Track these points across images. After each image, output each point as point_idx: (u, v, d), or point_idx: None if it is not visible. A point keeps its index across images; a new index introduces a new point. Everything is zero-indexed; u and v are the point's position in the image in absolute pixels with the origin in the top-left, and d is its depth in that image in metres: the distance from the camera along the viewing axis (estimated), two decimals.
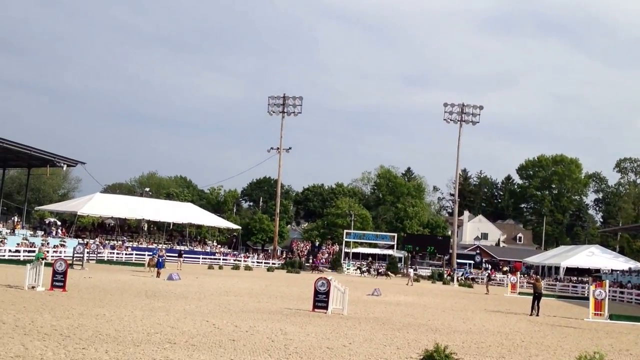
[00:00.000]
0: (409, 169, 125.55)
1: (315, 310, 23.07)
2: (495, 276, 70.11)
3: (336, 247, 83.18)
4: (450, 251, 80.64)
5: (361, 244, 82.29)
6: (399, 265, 75.98)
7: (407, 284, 52.68)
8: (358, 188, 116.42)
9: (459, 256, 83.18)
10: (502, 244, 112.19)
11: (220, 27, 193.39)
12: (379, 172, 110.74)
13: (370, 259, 78.92)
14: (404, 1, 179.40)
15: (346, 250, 78.82)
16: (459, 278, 65.97)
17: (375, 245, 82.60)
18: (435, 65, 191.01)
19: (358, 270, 70.74)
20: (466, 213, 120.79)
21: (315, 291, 23.49)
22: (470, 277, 70.21)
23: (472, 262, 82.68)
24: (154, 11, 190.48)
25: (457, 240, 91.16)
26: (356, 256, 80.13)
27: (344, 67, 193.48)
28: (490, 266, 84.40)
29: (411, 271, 59.34)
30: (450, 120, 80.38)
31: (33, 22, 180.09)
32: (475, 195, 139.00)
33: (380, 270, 67.47)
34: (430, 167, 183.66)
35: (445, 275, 68.42)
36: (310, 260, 74.26)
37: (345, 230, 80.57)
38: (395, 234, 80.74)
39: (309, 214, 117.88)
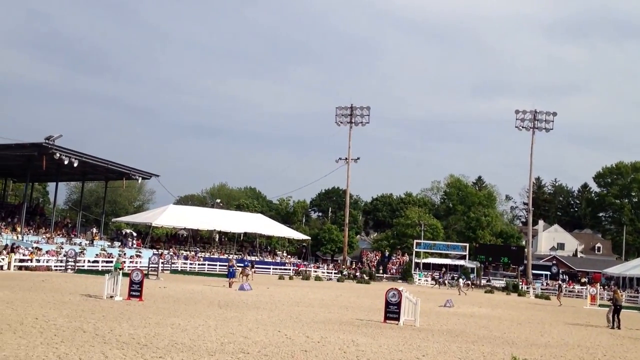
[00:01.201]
0: (479, 177, 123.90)
1: (387, 321, 22.93)
2: (572, 287, 68.36)
3: (406, 258, 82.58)
4: (525, 262, 78.93)
5: (432, 254, 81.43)
6: (471, 276, 74.85)
7: (459, 294, 51.94)
8: (427, 198, 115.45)
9: (534, 267, 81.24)
10: (579, 255, 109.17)
11: (288, 41, 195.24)
12: (448, 182, 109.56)
13: (444, 269, 78.05)
14: (472, 9, 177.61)
15: (416, 260, 78.15)
16: (535, 289, 64.45)
17: (446, 256, 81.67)
18: (505, 72, 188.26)
19: (433, 280, 69.94)
20: (541, 222, 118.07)
21: (387, 302, 23.35)
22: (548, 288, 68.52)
23: (548, 273, 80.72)
24: (224, 27, 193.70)
25: (532, 251, 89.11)
26: (427, 266, 79.32)
27: (411, 76, 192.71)
28: (567, 277, 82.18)
29: (461, 281, 58.65)
30: (522, 127, 78.85)
31: (110, 41, 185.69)
32: (550, 204, 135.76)
33: (466, 282, 63.97)
34: (502, 176, 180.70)
35: (520, 287, 66.90)
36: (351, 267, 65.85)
37: (415, 240, 79.92)
38: (467, 244, 79.62)
39: (378, 224, 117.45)
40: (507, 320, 29.20)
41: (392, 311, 23.12)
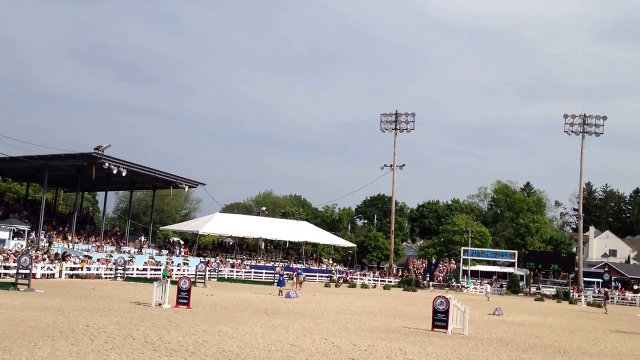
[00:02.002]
0: (528, 183, 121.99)
1: (435, 329, 22.69)
2: (625, 295, 66.91)
3: (453, 265, 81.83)
4: (576, 269, 77.52)
5: (480, 262, 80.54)
6: (520, 284, 73.77)
7: (487, 300, 51.19)
8: (474, 204, 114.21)
9: (586, 274, 79.68)
10: (632, 261, 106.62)
11: (332, 48, 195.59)
12: (495, 188, 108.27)
13: (494, 276, 77.13)
14: (517, 11, 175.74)
15: (464, 267, 77.36)
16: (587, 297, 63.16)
17: (494, 263, 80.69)
18: (552, 76, 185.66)
19: (485, 286, 69.07)
20: (592, 229, 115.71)
21: (434, 310, 23.11)
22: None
23: (600, 280, 79.10)
24: (268, 36, 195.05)
25: (583, 258, 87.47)
26: (475, 274, 78.49)
27: (457, 81, 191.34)
28: (619, 284, 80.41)
29: (487, 286, 58.04)
30: (572, 132, 77.63)
31: (156, 52, 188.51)
32: (602, 210, 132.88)
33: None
34: (551, 182, 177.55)
35: (571, 294, 65.62)
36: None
37: (462, 248, 79.15)
38: (516, 251, 78.56)
39: (425, 231, 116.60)
40: (558, 328, 28.64)
41: (439, 319, 22.86)
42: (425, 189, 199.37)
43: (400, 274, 79.97)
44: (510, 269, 77.37)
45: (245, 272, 67.13)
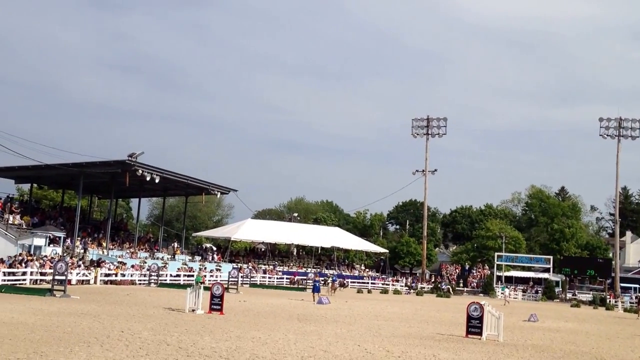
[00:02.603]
0: (562, 188, 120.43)
1: (469, 336, 22.49)
2: None
3: (487, 271, 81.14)
4: (613, 274, 76.35)
5: (514, 267, 79.75)
6: (556, 290, 72.90)
7: (504, 305, 50.61)
8: (508, 209, 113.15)
9: (623, 280, 78.47)
10: None
11: (362, 53, 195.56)
12: (530, 192, 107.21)
13: (531, 283, 76.34)
14: (550, 14, 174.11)
15: (498, 273, 76.65)
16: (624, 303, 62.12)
17: (529, 269, 79.84)
18: (587, 80, 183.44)
19: (505, 291, 68.38)
20: (628, 234, 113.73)
21: (468, 316, 22.91)
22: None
23: (637, 286, 77.82)
24: (298, 43, 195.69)
25: (620, 263, 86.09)
26: (509, 280, 77.72)
27: (489, 85, 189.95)
28: None
29: (507, 290, 57.52)
30: (607, 135, 76.62)
31: (189, 59, 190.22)
32: (638, 215, 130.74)
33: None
34: (586, 186, 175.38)
35: (608, 300, 64.62)
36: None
37: (496, 253, 78.43)
38: (551, 257, 77.66)
39: (457, 237, 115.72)
40: (594, 334, 28.19)
41: (474, 325, 22.66)
42: (457, 194, 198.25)
43: (433, 280, 79.50)
44: (545, 275, 76.52)
45: (277, 278, 67.25)
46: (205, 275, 53.96)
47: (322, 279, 52.50)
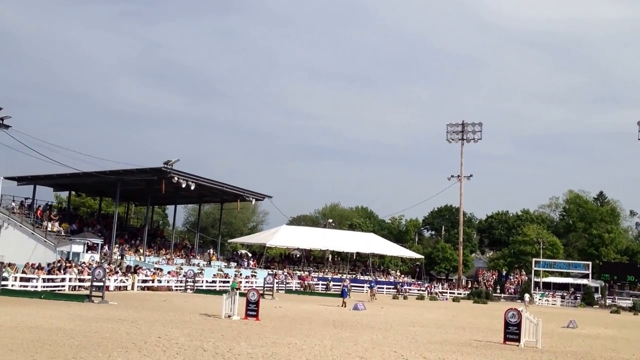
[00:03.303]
0: (601, 193, 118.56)
1: (507, 342, 22.23)
2: None
3: (524, 277, 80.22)
4: None
5: (552, 273, 78.72)
6: (595, 296, 71.75)
7: (523, 309, 50.21)
8: (545, 214, 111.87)
9: None
10: None
11: (395, 58, 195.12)
12: (567, 198, 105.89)
13: (572, 289, 75.30)
14: (585, 17, 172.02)
15: (536, 279, 75.70)
16: None
17: (567, 275, 78.72)
18: (624, 83, 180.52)
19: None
20: None
21: (506, 323, 22.67)
22: None
23: None
24: (331, 49, 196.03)
25: None
26: (547, 286, 76.69)
27: (525, 90, 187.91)
28: None
29: (527, 296, 56.88)
30: None
31: (223, 67, 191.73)
32: None
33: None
34: (626, 191, 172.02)
35: None
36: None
37: (534, 259, 77.49)
38: (590, 262, 76.46)
39: (494, 242, 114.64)
40: (636, 341, 27.65)
41: (512, 332, 22.41)
42: (494, 199, 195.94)
43: (469, 286, 78.84)
44: (584, 281, 75.33)
45: (312, 284, 67.24)
46: (240, 282, 54.15)
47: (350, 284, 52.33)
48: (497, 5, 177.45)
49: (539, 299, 70.44)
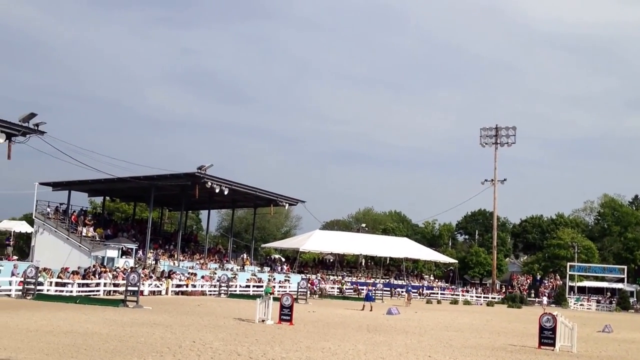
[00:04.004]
0: (636, 196, 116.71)
1: (542, 347, 22.00)
2: None
3: (559, 281, 79.29)
4: None
5: (587, 277, 77.71)
6: (630, 300, 70.67)
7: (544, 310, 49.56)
8: (580, 218, 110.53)
9: None
10: None
11: (428, 62, 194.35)
12: (602, 201, 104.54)
13: (607, 293, 74.35)
14: (620, 20, 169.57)
15: (570, 283, 74.80)
16: None
17: (602, 279, 77.65)
18: None
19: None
20: None
21: (541, 327, 22.44)
22: None
23: None
24: (363, 55, 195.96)
25: None
26: (582, 290, 75.75)
27: (558, 93, 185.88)
28: None
29: (545, 299, 56.23)
30: None
31: (255, 73, 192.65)
32: None
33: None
34: None
35: None
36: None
37: (568, 263, 76.56)
38: (625, 267, 75.35)
39: (528, 246, 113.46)
40: None
41: (547, 337, 22.18)
42: (527, 203, 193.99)
43: (503, 290, 78.14)
44: (619, 285, 74.31)
45: (346, 289, 67.15)
46: (274, 286, 54.31)
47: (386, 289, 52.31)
48: (530, 9, 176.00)
49: (574, 304, 69.57)
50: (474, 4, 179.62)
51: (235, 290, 52.38)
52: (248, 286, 55.46)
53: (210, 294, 49.66)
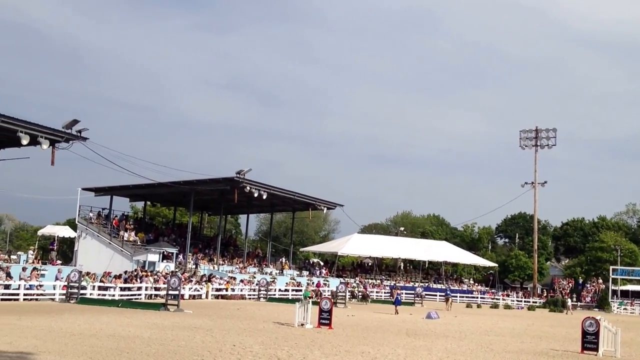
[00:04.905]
0: None
1: (584, 352, 21.70)
2: None
3: (602, 285, 77.98)
4: None
5: (630, 281, 76.29)
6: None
7: (566, 313, 48.81)
8: (622, 221, 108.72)
9: None
10: None
11: (465, 64, 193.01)
12: None
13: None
14: None
15: (613, 287, 73.50)
16: None
17: None
18: None
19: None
20: None
21: (583, 332, 22.13)
22: None
23: None
24: (399, 56, 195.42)
25: None
26: (625, 294, 74.33)
27: (600, 95, 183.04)
28: None
29: (569, 301, 55.43)
30: None
31: (291, 77, 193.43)
32: None
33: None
34: None
35: None
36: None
37: (611, 267, 75.28)
38: None
39: (570, 250, 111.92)
40: None
41: (589, 341, 21.86)
42: (569, 206, 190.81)
43: (545, 294, 77.14)
44: None
45: (385, 293, 66.96)
46: (313, 290, 54.38)
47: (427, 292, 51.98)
48: (572, 9, 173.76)
49: (617, 308, 68.38)
50: (511, 3, 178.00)
51: (274, 294, 52.56)
52: (287, 290, 55.62)
53: (250, 298, 49.95)
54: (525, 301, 72.29)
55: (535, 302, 70.92)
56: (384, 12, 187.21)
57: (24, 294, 35.21)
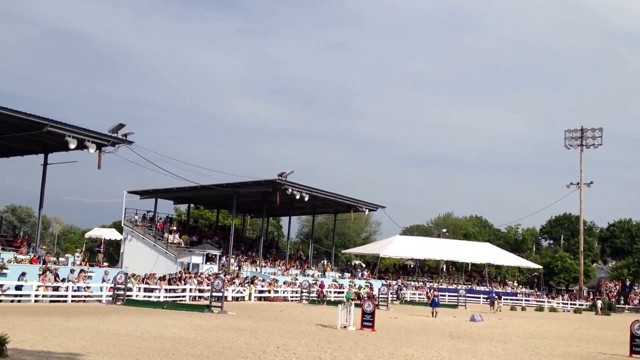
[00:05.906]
0: None
1: (633, 355, 21.27)
2: None
3: None
4: None
5: None
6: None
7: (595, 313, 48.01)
8: None
9: None
10: None
11: (511, 64, 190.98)
12: None
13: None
14: None
15: None
16: None
17: None
18: None
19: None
20: None
21: (632, 335, 21.69)
22: None
23: None
24: (439, 56, 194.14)
25: None
26: None
27: None
28: None
29: (599, 302, 54.28)
30: None
31: (331, 80, 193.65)
32: None
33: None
34: None
35: None
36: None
37: None
38: None
39: (617, 251, 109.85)
40: None
41: (638, 344, 21.43)
42: (615, 207, 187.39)
43: (591, 297, 75.86)
44: None
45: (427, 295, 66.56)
46: (356, 292, 54.31)
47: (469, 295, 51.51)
48: (618, 7, 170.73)
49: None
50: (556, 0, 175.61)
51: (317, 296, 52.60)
52: (329, 292, 55.64)
53: (292, 300, 50.11)
54: (571, 304, 71.17)
55: (582, 305, 69.78)
56: (423, 12, 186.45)
57: (72, 296, 35.81)
